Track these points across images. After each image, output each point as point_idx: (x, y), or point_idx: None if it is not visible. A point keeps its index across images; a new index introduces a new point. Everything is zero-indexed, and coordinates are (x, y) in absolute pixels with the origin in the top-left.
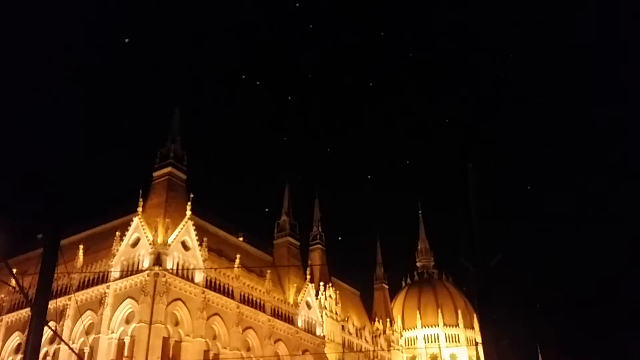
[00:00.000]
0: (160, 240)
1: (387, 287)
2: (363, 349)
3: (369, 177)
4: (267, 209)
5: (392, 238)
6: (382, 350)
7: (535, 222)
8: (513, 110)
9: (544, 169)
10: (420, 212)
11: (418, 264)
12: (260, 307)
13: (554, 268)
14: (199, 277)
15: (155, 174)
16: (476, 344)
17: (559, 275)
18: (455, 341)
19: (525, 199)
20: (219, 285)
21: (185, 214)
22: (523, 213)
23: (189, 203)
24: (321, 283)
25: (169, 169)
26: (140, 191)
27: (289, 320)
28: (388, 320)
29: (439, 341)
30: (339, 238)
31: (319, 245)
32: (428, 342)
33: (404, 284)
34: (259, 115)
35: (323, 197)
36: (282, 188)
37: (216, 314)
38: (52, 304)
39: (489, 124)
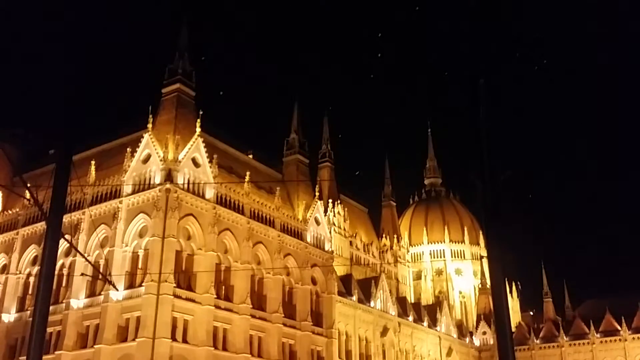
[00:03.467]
0: (170, 156)
1: (394, 204)
2: (370, 264)
3: (377, 94)
4: (276, 127)
5: (401, 156)
6: (389, 264)
7: (545, 139)
8: (525, 25)
9: (557, 85)
10: (429, 130)
11: (426, 182)
12: (270, 222)
13: (560, 185)
14: (209, 193)
15: (164, 91)
16: (481, 258)
17: (566, 191)
18: (461, 257)
19: (536, 114)
20: (230, 201)
21: (195, 131)
22: (533, 130)
23: (199, 120)
24: (330, 200)
25: (177, 85)
26: (150, 107)
27: (298, 235)
28: (395, 236)
29: (444, 256)
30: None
31: (327, 163)
32: (434, 257)
33: (411, 202)
34: (269, 30)
35: (332, 116)
36: (291, 105)
37: (227, 229)
38: (66, 218)
39: (500, 39)
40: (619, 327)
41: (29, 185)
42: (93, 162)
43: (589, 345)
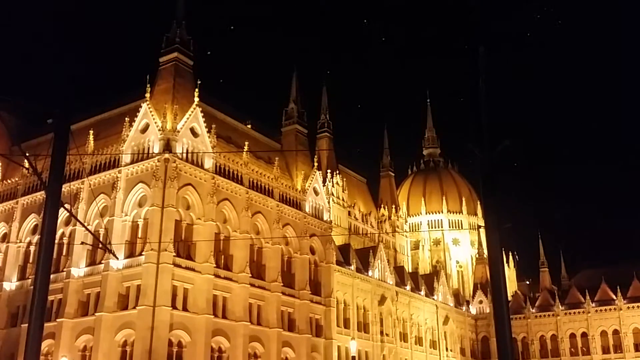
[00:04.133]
0: (169, 126)
1: (393, 174)
2: (368, 234)
3: (377, 63)
4: (274, 97)
5: (400, 126)
6: (387, 234)
7: (545, 107)
8: None
9: (556, 51)
10: (428, 100)
11: (424, 152)
12: (268, 192)
13: (559, 155)
14: (208, 163)
15: (161, 60)
16: (478, 227)
17: (563, 160)
18: (458, 227)
19: (536, 83)
20: (228, 171)
21: (193, 101)
22: (533, 98)
23: (197, 89)
24: (328, 170)
25: (175, 54)
26: (148, 77)
27: (297, 205)
28: (393, 206)
29: (442, 226)
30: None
31: (326, 133)
32: (432, 227)
33: (410, 172)
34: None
35: (331, 86)
36: (290, 76)
37: (226, 199)
38: (65, 188)
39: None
40: (614, 297)
41: (27, 154)
42: (91, 132)
43: (584, 314)
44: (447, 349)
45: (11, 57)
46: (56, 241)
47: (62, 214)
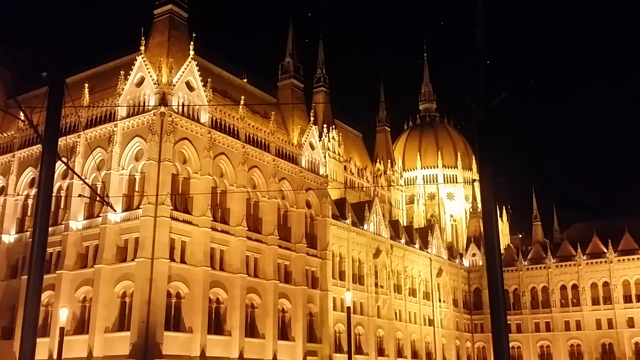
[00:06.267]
0: (164, 80)
1: (389, 129)
2: (364, 188)
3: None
4: (271, 51)
5: (396, 81)
6: (383, 189)
7: (543, 62)
8: None
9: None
10: (425, 54)
11: (421, 107)
12: (265, 147)
13: (555, 111)
14: (204, 117)
15: (156, 12)
16: (473, 181)
17: (557, 114)
18: (453, 181)
19: (534, 37)
20: (225, 125)
21: (189, 54)
22: (531, 52)
23: (192, 42)
24: (324, 125)
25: (169, 6)
26: (142, 29)
27: (293, 160)
28: (389, 161)
29: (437, 181)
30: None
31: (322, 88)
32: (427, 182)
33: (406, 127)
34: None
35: (328, 39)
36: (286, 29)
37: (222, 153)
38: (62, 141)
39: None
40: (605, 250)
41: (23, 107)
42: (86, 85)
43: (575, 267)
44: (440, 300)
45: (5, 10)
46: (54, 194)
47: (59, 167)
